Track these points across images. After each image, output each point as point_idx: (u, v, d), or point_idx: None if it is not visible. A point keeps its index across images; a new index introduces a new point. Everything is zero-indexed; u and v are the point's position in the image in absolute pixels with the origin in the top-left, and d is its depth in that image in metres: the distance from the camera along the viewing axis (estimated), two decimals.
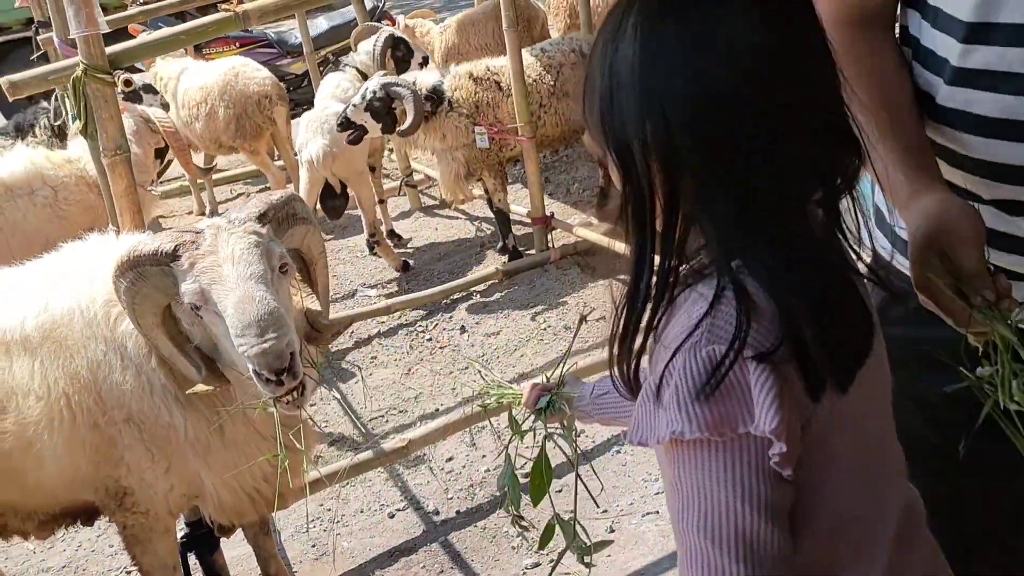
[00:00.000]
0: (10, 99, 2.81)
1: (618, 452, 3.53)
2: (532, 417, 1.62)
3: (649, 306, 1.00)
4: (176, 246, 2.05)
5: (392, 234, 5.91)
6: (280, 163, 6.61)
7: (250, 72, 6.11)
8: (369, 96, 4.73)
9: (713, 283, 0.95)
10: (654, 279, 1.00)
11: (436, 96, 4.92)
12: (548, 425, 1.59)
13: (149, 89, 5.31)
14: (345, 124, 4.79)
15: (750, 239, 0.94)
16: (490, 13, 7.00)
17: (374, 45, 5.56)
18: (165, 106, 5.59)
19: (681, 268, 0.99)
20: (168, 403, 2.27)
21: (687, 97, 0.93)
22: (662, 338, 0.98)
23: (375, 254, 5.64)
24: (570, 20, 7.81)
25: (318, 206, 5.28)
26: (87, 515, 2.65)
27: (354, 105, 4.76)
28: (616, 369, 1.05)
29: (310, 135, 5.07)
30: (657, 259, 1.00)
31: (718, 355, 0.91)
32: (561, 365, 1.63)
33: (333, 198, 5.21)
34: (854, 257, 1.06)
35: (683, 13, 0.94)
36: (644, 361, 1.03)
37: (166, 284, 2.08)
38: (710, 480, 0.92)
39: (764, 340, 0.92)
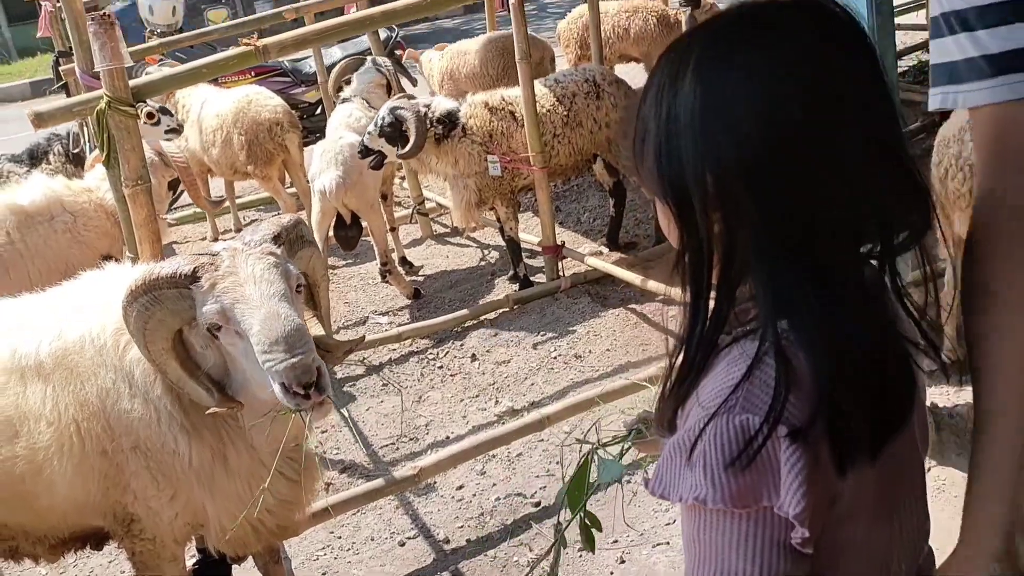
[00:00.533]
0: (35, 130, 2.87)
1: (628, 481, 3.53)
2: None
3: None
4: (195, 268, 2.09)
5: (404, 262, 5.96)
6: (292, 189, 6.68)
7: (263, 100, 6.21)
8: (380, 123, 4.85)
9: (755, 342, 0.93)
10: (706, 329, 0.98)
11: (449, 120, 5.01)
12: (621, 449, 1.61)
13: (165, 111, 5.39)
14: (365, 151, 4.93)
15: (802, 298, 0.92)
16: (482, 44, 7.18)
17: (385, 68, 5.69)
18: (180, 127, 5.67)
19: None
20: (174, 431, 2.30)
21: (750, 143, 0.90)
22: (697, 391, 0.97)
23: (387, 281, 5.68)
24: (581, 51, 7.92)
25: (331, 233, 5.34)
26: (96, 540, 2.68)
27: (369, 133, 4.90)
28: (658, 411, 1.05)
29: (323, 165, 5.13)
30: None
31: (752, 427, 0.90)
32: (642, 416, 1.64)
33: (346, 228, 5.27)
34: (915, 316, 1.03)
35: (746, 56, 0.92)
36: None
37: (182, 307, 2.12)
38: (728, 547, 0.93)
39: (800, 414, 0.90)
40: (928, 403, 3.27)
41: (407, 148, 4.88)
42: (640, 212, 6.22)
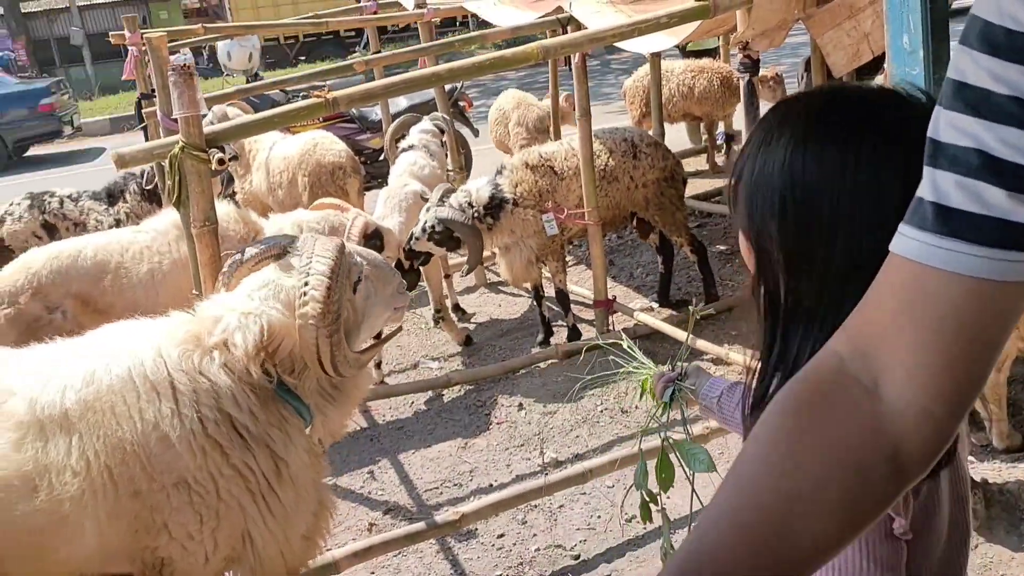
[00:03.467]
0: (117, 170, 3.03)
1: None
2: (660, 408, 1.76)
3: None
4: None
5: (456, 308, 6.05)
6: None
7: (328, 144, 6.42)
8: (429, 229, 4.95)
9: None
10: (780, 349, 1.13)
11: (495, 205, 5.07)
12: (671, 415, 1.73)
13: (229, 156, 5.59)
14: (410, 254, 4.99)
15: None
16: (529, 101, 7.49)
17: (442, 122, 5.89)
18: (234, 156, 5.87)
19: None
20: (248, 441, 2.40)
21: (817, 215, 1.07)
22: None
23: (439, 327, 5.77)
24: (645, 109, 8.06)
25: None
26: None
27: (416, 238, 4.98)
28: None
29: (387, 211, 5.26)
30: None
31: None
32: (682, 355, 1.79)
33: (404, 272, 5.37)
34: None
35: (822, 146, 1.08)
36: None
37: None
38: None
39: None
40: (979, 478, 3.22)
41: (466, 268, 5.18)
42: (692, 270, 6.24)
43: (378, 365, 5.10)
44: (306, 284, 2.41)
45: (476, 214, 5.02)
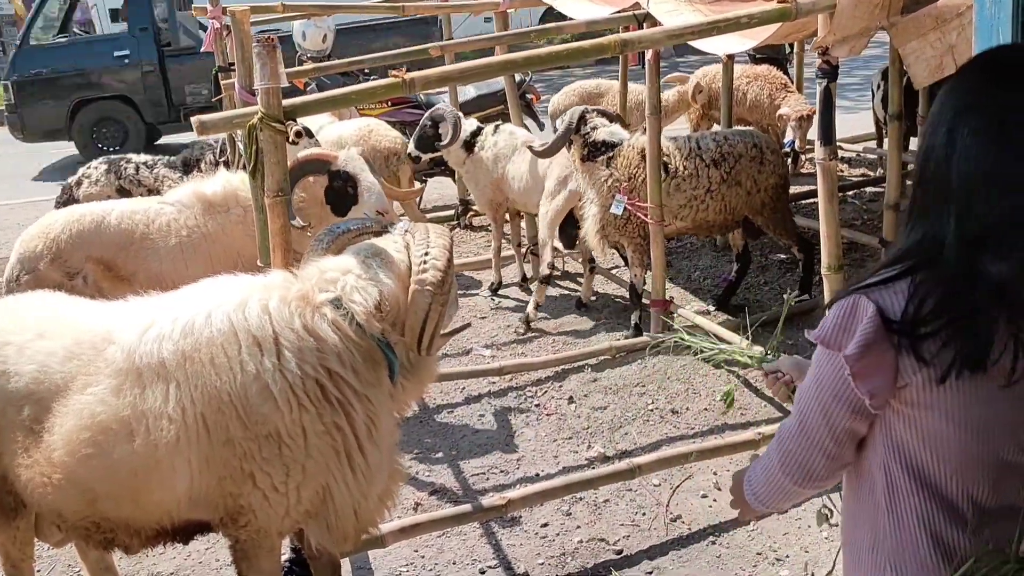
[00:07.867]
0: (197, 136, 3.10)
1: (713, 543, 3.51)
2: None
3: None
4: None
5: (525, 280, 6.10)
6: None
7: (383, 131, 6.55)
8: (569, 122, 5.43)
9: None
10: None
11: (598, 149, 5.31)
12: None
13: (309, 133, 5.66)
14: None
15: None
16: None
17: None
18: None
19: None
20: (347, 397, 2.46)
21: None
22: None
23: (542, 283, 5.84)
24: (703, 111, 8.07)
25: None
26: (188, 534, 2.71)
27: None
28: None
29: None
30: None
31: (859, 304, 1.36)
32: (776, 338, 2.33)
33: (566, 227, 5.80)
34: None
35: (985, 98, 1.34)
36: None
37: None
38: (810, 389, 1.46)
39: (898, 309, 1.33)
40: None
41: (544, 147, 5.42)
42: (752, 277, 6.18)
43: None
44: (426, 254, 2.54)
45: (587, 138, 5.32)
